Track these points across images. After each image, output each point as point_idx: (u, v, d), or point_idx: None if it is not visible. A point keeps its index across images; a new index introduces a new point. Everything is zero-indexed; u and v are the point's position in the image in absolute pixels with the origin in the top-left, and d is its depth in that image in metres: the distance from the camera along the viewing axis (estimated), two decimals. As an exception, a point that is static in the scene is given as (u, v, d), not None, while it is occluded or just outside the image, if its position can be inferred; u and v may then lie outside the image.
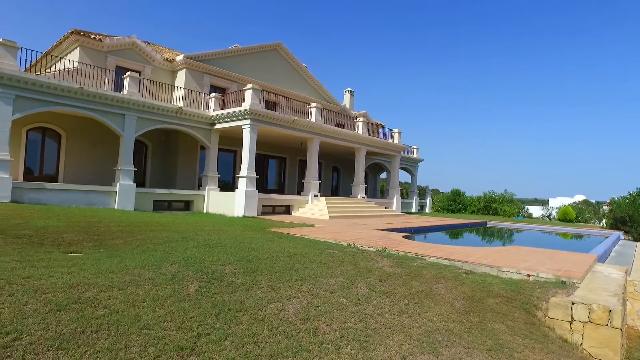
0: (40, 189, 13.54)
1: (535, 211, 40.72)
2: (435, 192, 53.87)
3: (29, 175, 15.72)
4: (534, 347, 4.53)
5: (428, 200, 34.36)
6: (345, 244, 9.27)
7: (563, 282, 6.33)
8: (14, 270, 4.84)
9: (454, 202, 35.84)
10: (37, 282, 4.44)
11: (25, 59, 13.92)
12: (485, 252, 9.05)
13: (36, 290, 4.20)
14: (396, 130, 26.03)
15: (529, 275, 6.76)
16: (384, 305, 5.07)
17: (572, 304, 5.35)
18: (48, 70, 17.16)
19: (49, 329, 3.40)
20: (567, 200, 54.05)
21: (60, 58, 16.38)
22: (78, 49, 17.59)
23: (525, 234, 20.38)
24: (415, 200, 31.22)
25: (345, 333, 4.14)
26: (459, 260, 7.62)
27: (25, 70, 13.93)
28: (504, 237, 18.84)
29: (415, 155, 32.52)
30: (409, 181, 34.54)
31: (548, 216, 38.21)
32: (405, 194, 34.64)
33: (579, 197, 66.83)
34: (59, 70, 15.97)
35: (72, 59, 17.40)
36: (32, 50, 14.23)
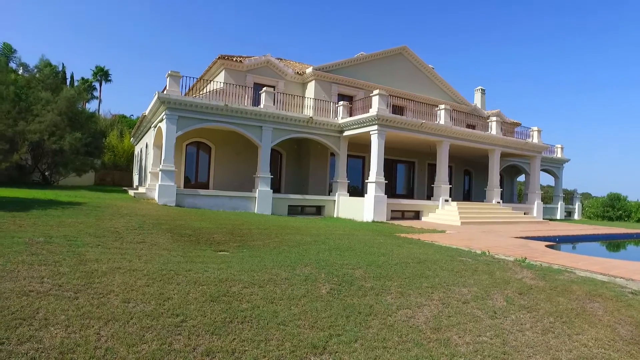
0: (195, 195, 15.68)
1: None
2: (586, 196, 46.85)
3: (187, 183, 18.35)
4: None
5: (577, 206, 30.11)
6: (478, 251, 8.68)
7: None
8: (179, 264, 5.70)
9: (612, 208, 30.66)
10: (195, 275, 5.15)
11: (184, 85, 16.34)
12: (658, 268, 7.55)
13: (195, 282, 4.87)
14: (535, 128, 23.49)
15: None
16: (524, 321, 4.60)
17: None
18: (201, 93, 19.80)
19: (205, 316, 3.91)
20: None
21: (210, 81, 18.79)
22: (224, 72, 19.95)
23: None
24: (560, 205, 27.68)
25: (479, 347, 3.86)
26: (621, 277, 6.50)
27: (185, 95, 16.34)
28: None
29: (559, 155, 28.87)
30: (552, 184, 30.79)
31: None
32: (547, 198, 30.84)
33: None
34: (209, 91, 18.32)
35: (219, 80, 19.80)
36: (189, 77, 16.73)
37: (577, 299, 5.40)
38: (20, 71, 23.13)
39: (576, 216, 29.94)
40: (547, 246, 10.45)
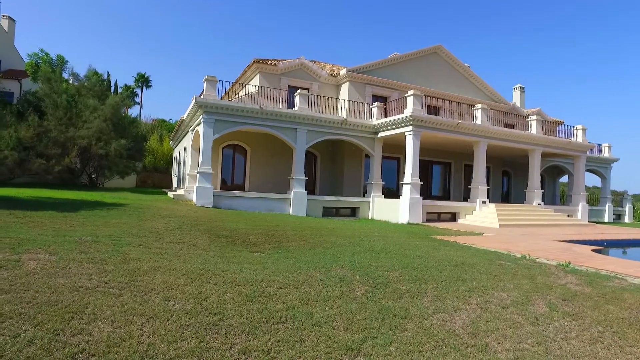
0: (232, 197, 16.02)
1: None
2: (638, 198, 44.22)
3: (223, 185, 18.76)
4: None
5: (627, 208, 28.47)
6: (518, 255, 8.39)
7: None
8: (216, 264, 5.86)
9: (669, 210, 28.85)
10: (232, 275, 5.28)
11: (221, 89, 16.76)
12: None
13: (232, 282, 4.99)
14: (579, 127, 22.45)
15: None
16: (569, 329, 4.40)
17: None
18: (236, 96, 20.22)
19: (241, 316, 4.00)
20: None
21: (245, 85, 19.17)
22: (258, 75, 20.29)
23: None
24: (608, 207, 26.28)
25: (520, 355, 3.74)
26: (677, 284, 6.10)
27: (221, 98, 16.74)
28: None
29: (606, 154, 27.43)
30: (599, 185, 29.29)
31: None
32: (594, 200, 29.36)
33: None
34: (244, 95, 18.68)
35: (254, 84, 20.15)
36: (225, 81, 17.14)
37: (630, 308, 5.11)
38: (71, 80, 24.47)
39: (626, 219, 28.34)
40: (593, 250, 9.96)
